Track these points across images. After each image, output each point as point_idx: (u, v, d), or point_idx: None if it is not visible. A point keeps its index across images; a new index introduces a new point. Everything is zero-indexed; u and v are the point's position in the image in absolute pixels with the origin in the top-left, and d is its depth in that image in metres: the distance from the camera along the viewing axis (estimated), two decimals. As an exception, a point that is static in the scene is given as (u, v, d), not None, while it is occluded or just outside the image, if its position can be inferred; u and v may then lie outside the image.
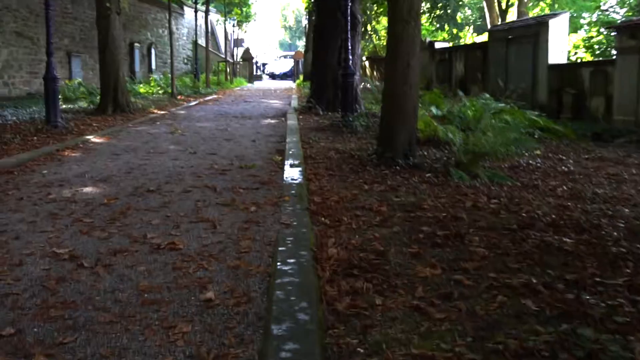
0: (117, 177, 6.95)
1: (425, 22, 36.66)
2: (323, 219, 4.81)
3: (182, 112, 17.06)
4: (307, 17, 40.13)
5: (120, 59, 16.05)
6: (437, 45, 23.77)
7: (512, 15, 38.30)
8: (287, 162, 7.67)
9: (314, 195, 5.76)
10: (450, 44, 27.28)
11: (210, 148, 9.56)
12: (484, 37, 38.00)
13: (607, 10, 33.23)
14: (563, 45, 17.33)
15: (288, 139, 10.16)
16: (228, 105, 19.75)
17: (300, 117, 14.38)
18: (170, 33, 23.78)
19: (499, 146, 7.48)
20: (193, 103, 20.85)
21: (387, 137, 7.62)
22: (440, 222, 4.76)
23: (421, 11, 33.55)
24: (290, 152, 8.63)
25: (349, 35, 12.03)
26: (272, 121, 14.00)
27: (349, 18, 12.15)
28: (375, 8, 31.00)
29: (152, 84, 26.08)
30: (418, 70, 7.57)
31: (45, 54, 11.73)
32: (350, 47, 11.98)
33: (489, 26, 34.21)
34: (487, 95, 13.91)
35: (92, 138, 10.69)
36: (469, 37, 37.36)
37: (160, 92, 24.60)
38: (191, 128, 12.46)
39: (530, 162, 8.36)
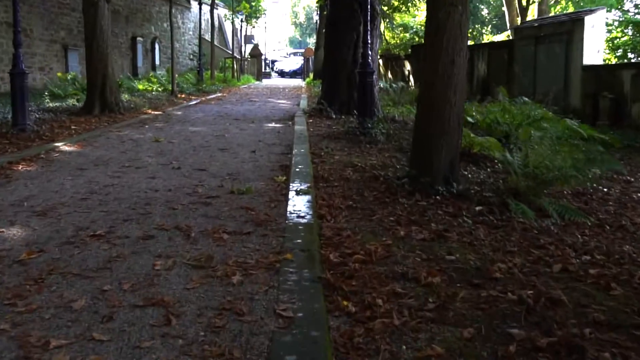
0: (64, 207, 5.20)
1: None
2: (345, 302, 3.04)
3: (179, 112, 15.32)
4: (319, 12, 38.30)
5: (109, 53, 14.32)
6: (458, 42, 21.88)
7: (532, 14, 36.41)
8: (293, 186, 5.91)
9: (328, 247, 3.99)
10: (469, 42, 25.34)
11: (199, 161, 7.81)
12: (501, 37, 36.14)
13: (628, 10, 31.30)
14: (599, 44, 15.70)
15: (295, 150, 8.40)
16: (231, 105, 18.00)
17: (310, 120, 12.61)
18: (171, 25, 22.07)
19: (570, 168, 5.70)
20: (193, 102, 19.13)
21: (423, 156, 5.84)
22: (532, 313, 2.98)
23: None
24: (297, 170, 6.87)
25: (368, 28, 10.25)
26: (278, 125, 12.23)
27: (368, 9, 10.37)
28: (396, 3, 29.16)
29: (153, 81, 24.37)
30: (465, 69, 5.79)
31: (13, 44, 9.98)
32: (369, 42, 10.19)
33: (508, 25, 32.44)
34: (525, 99, 12.21)
35: (62, 146, 8.96)
36: (485, 36, 35.47)
37: (160, 89, 22.89)
38: (183, 133, 10.71)
39: (595, 185, 6.56)
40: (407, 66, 24.74)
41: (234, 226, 4.53)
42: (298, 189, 5.72)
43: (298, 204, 5.15)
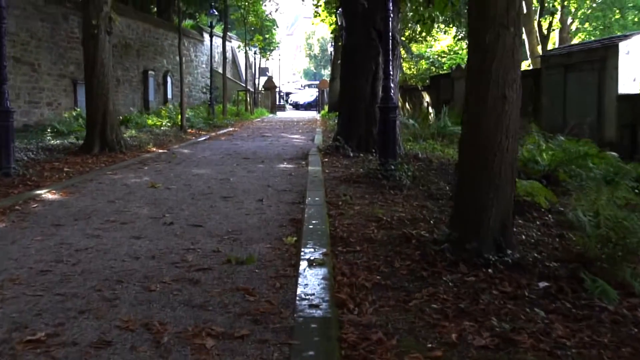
0: (13, 286, 4.07)
1: (461, 47, 33.84)
2: None
3: (185, 150, 14.28)
4: (333, 43, 37.52)
5: (109, 88, 13.36)
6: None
7: (553, 42, 35.34)
8: (305, 252, 4.74)
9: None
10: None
11: (196, 214, 6.69)
12: (523, 65, 35.05)
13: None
14: (635, 72, 14.53)
15: (309, 199, 7.26)
16: (241, 142, 16.96)
17: (325, 159, 11.49)
18: (180, 58, 21.22)
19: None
20: (202, 138, 18.14)
21: (468, 216, 4.66)
22: None
23: (458, 36, 30.51)
24: (311, 227, 5.71)
25: (390, 58, 9.16)
26: (290, 166, 11.10)
27: (390, 36, 9.30)
28: (409, 32, 28.25)
29: (163, 115, 23.49)
30: (519, 106, 4.64)
31: None
32: (391, 74, 9.09)
33: (527, 54, 31.39)
34: (562, 138, 11.07)
35: (45, 193, 7.89)
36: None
37: (169, 124, 21.98)
38: (184, 176, 9.61)
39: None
40: (426, 97, 23.69)
41: (223, 323, 3.35)
42: (311, 258, 4.54)
43: (311, 283, 3.97)
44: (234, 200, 7.49)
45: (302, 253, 4.75)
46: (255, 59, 43.47)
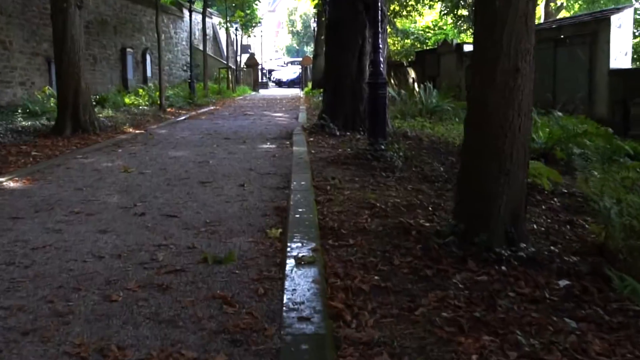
0: (-50, 297, 3.49)
1: (445, 22, 33.13)
2: None
3: (163, 131, 13.60)
4: (316, 19, 36.66)
5: (81, 66, 12.60)
6: (466, 47, 20.38)
7: (538, 16, 34.70)
8: (292, 248, 4.18)
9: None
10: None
11: (171, 202, 6.09)
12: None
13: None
14: (627, 46, 14.13)
15: (294, 183, 6.69)
16: (222, 121, 16.29)
17: (311, 139, 10.89)
18: (158, 34, 20.34)
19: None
20: (182, 117, 17.44)
21: (475, 205, 4.11)
22: None
23: (444, 10, 29.87)
24: (298, 216, 5.14)
25: (379, 30, 8.55)
26: (273, 147, 10.50)
27: (379, 7, 8.69)
28: (394, 6, 27.53)
29: (141, 94, 22.67)
30: (532, 80, 4.08)
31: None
32: (380, 48, 8.48)
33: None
34: (559, 114, 10.60)
35: (6, 181, 7.24)
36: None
37: (148, 103, 21.21)
38: (160, 159, 8.98)
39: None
40: (412, 74, 23.12)
41: (195, 345, 2.79)
42: (299, 255, 3.98)
43: (299, 288, 3.41)
44: (213, 186, 6.90)
45: (288, 249, 4.19)
46: (237, 35, 42.47)
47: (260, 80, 44.37)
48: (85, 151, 9.96)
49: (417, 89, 21.41)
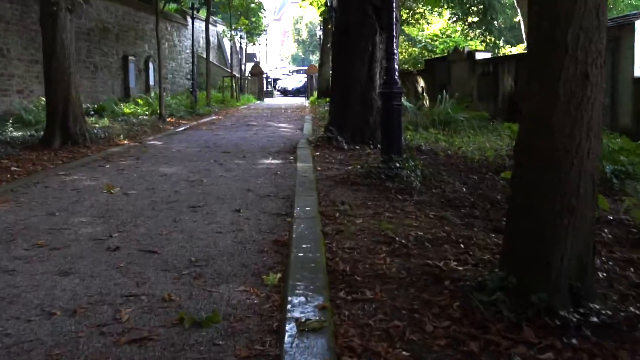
0: None
1: (454, 29, 32.26)
2: None
3: (159, 143, 12.73)
4: (322, 27, 35.89)
5: (72, 73, 11.76)
6: (478, 55, 19.54)
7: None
8: (294, 306, 3.26)
9: None
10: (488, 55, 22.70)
11: (153, 232, 5.19)
12: (513, 49, 33.51)
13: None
14: (653, 53, 13.22)
15: (298, 208, 5.78)
16: (223, 132, 15.42)
17: (317, 154, 10.00)
18: (158, 41, 19.55)
19: None
20: (182, 128, 16.59)
21: (529, 250, 3.19)
22: None
23: (452, 18, 29.11)
24: (301, 255, 4.23)
25: (393, 34, 7.66)
26: (276, 161, 9.61)
27: (393, 9, 7.80)
28: (402, 13, 26.70)
29: (140, 103, 21.86)
30: (603, 91, 3.16)
31: None
32: (394, 54, 7.59)
33: (524, 36, 29.85)
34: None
35: (-30, 204, 6.37)
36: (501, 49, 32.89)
37: (148, 112, 20.39)
38: (149, 177, 8.09)
39: None
40: (421, 82, 22.23)
41: None
42: (303, 320, 3.06)
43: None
44: (204, 211, 5.99)
45: (288, 306, 3.27)
46: (241, 44, 41.74)
47: (265, 89, 43.65)
48: (70, 166, 9.08)
49: (426, 97, 20.56)
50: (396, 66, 7.54)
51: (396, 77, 7.46)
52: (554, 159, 3.06)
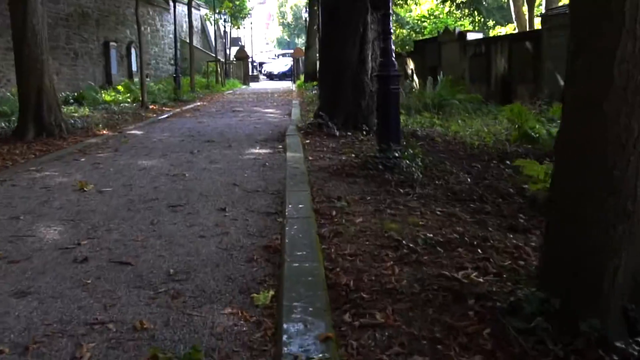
0: None
1: (442, 10, 31.60)
2: None
3: (139, 132, 12.08)
4: (307, 9, 35.06)
5: (44, 60, 11.04)
6: (470, 36, 18.93)
7: (539, 1, 33.18)
8: (291, 336, 2.70)
9: None
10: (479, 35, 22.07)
11: (128, 238, 4.60)
12: (502, 30, 32.92)
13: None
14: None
15: (290, 206, 5.21)
16: (208, 119, 14.76)
17: (307, 141, 9.41)
18: (138, 24, 18.77)
19: None
20: (164, 115, 15.90)
21: (573, 267, 2.63)
22: None
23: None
24: (296, 265, 3.67)
25: (390, 11, 7.05)
26: (264, 151, 9.01)
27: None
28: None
29: (121, 90, 21.11)
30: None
31: None
32: (391, 33, 7.00)
33: (513, 16, 29.25)
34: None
35: None
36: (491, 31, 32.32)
37: (130, 100, 19.68)
38: (127, 172, 7.47)
39: None
40: (410, 64, 21.64)
41: None
42: (303, 359, 2.50)
43: None
44: (185, 211, 5.40)
45: (284, 337, 2.71)
46: (225, 27, 40.82)
47: (250, 73, 42.85)
48: (43, 161, 8.43)
49: (415, 79, 19.97)
50: (392, 47, 6.93)
51: (393, 59, 6.86)
52: (606, 156, 2.49)
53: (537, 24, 28.50)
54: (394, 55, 6.92)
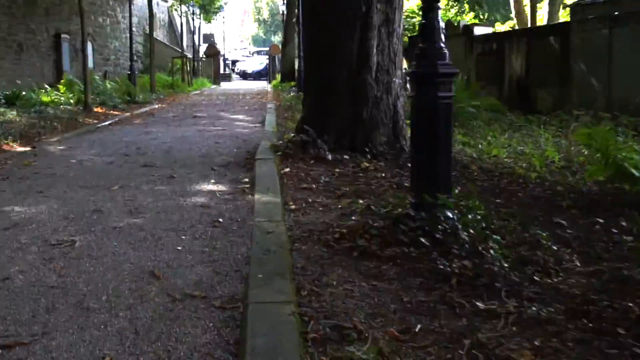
0: None
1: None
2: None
3: (59, 147, 8.95)
4: (286, 1, 32.04)
5: None
6: (477, 30, 16.25)
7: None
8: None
9: None
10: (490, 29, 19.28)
11: None
12: (501, 27, 30.45)
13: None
14: None
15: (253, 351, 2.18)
16: (159, 127, 11.67)
17: (286, 170, 6.42)
18: (82, 14, 15.71)
19: None
20: (107, 122, 12.82)
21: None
22: None
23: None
24: None
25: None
26: (221, 189, 5.94)
27: None
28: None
29: (62, 90, 17.89)
30: None
31: None
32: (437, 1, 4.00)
33: (512, 12, 26.92)
34: None
35: None
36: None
37: (73, 100, 16.53)
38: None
39: None
40: (405, 63, 18.85)
41: None
42: None
43: None
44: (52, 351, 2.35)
45: None
46: (193, 20, 37.66)
47: (222, 72, 39.90)
48: None
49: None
50: (440, 22, 3.94)
51: (442, 43, 3.86)
52: None
53: (539, 20, 25.91)
54: (442, 37, 3.90)
